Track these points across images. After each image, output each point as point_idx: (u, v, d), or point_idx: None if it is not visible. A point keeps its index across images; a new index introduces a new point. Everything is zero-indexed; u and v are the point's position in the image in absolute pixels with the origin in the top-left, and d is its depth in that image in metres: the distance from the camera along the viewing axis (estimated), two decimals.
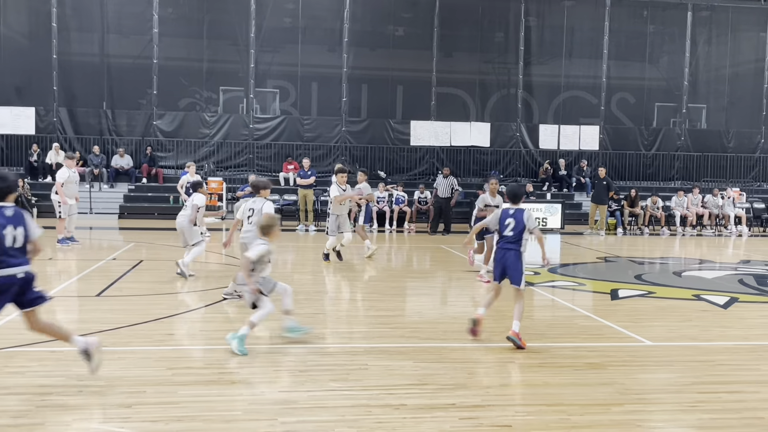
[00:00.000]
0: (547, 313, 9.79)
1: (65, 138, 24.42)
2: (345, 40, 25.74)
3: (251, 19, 25.15)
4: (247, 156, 25.45)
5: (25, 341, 7.05)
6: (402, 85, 27.57)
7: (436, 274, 13.48)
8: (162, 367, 6.31)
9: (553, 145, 27.11)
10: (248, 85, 25.72)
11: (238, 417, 5.13)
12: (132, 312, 8.58)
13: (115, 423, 4.97)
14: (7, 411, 5.10)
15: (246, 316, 7.12)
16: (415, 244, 18.41)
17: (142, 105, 25.64)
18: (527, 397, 5.76)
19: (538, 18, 27.38)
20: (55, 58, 24.37)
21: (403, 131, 26.38)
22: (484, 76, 27.48)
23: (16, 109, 24.24)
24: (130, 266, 12.48)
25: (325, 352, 7.13)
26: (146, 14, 24.77)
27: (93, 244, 16.87)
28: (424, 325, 8.46)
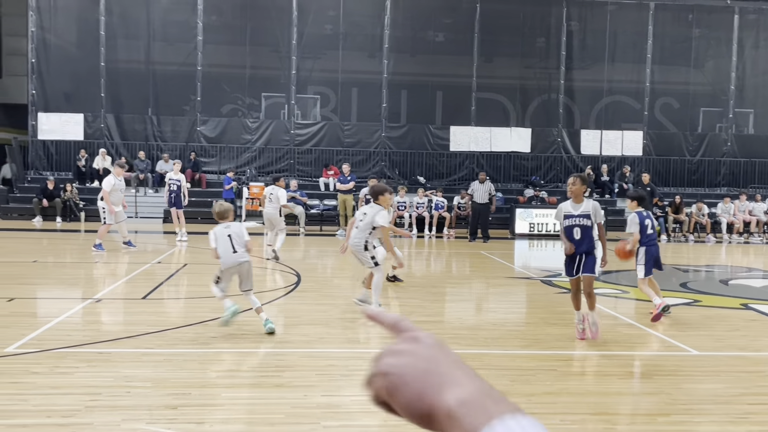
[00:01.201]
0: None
1: (112, 144, 24.90)
2: (385, 46, 25.81)
3: (293, 26, 25.37)
4: (288, 161, 25.64)
5: (75, 342, 7.21)
6: (441, 91, 27.56)
7: (476, 281, 13.41)
8: (206, 369, 6.40)
9: (595, 151, 26.79)
10: (289, 92, 25.93)
11: (281, 420, 5.17)
12: (177, 315, 8.73)
13: (161, 424, 5.04)
14: (57, 410, 5.22)
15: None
16: (454, 249, 18.34)
17: (186, 111, 26.03)
18: (570, 405, 5.69)
19: (580, 22, 27.11)
20: (102, 65, 24.88)
21: (442, 137, 26.34)
22: (525, 81, 27.32)
23: (65, 115, 24.82)
24: (174, 270, 12.67)
25: (367, 356, 7.14)
26: (190, 22, 25.16)
27: (139, 247, 17.15)
28: (465, 332, 8.41)
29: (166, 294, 10.36)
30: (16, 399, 5.46)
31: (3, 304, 9.18)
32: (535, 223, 21.38)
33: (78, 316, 8.74)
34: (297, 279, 11.90)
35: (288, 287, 11.14)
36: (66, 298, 10.42)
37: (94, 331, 7.92)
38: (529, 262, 17.25)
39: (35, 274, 12.46)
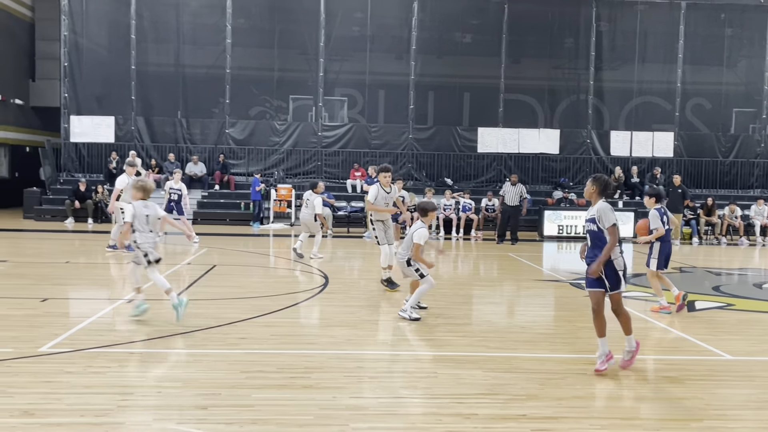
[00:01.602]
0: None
1: (142, 146, 25.21)
2: (412, 48, 25.82)
3: (320, 29, 25.48)
4: (316, 163, 25.76)
5: (107, 342, 7.31)
6: (469, 92, 27.49)
7: (504, 283, 13.34)
8: (236, 370, 6.43)
9: (625, 152, 26.54)
10: (317, 94, 26.04)
11: (311, 422, 5.19)
12: (206, 316, 8.78)
13: (191, 424, 5.09)
14: (90, 409, 5.29)
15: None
16: (482, 251, 18.28)
17: (215, 114, 26.26)
18: (601, 410, 5.64)
19: (610, 22, 26.89)
20: (133, 68, 25.22)
21: (470, 138, 26.28)
22: (553, 82, 27.16)
23: (97, 118, 25.19)
24: (203, 271, 12.77)
25: (394, 359, 7.15)
26: (219, 25, 25.39)
27: (168, 249, 17.33)
28: (493, 335, 8.38)
29: (196, 295, 10.43)
30: (51, 398, 5.54)
31: (37, 304, 9.33)
32: (564, 225, 21.24)
33: (110, 317, 8.86)
34: (325, 281, 11.94)
35: (315, 289, 11.18)
36: (98, 298, 10.56)
37: (126, 331, 8.01)
38: (557, 264, 17.12)
39: (67, 275, 12.65)
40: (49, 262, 13.69)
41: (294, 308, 9.62)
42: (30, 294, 9.97)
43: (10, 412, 5.19)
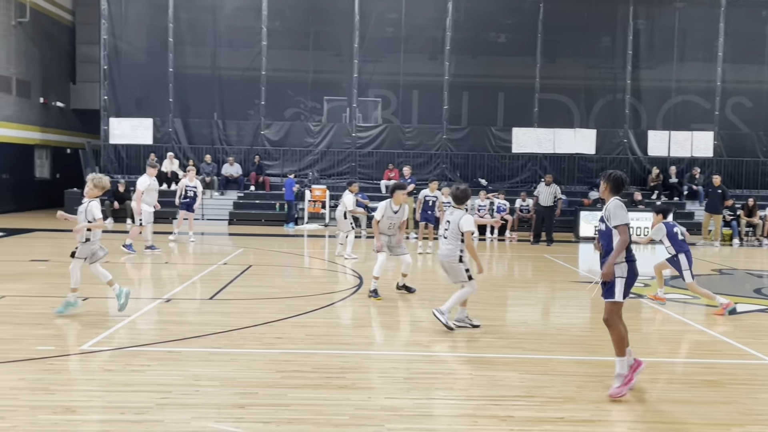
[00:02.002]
0: (658, 327, 9.45)
1: (180, 147, 25.53)
2: (447, 48, 25.76)
3: (355, 30, 25.55)
4: (350, 164, 25.83)
5: (146, 341, 7.42)
6: (503, 92, 27.34)
7: (539, 285, 13.23)
8: (272, 369, 6.48)
9: (663, 152, 26.18)
10: (351, 95, 26.12)
11: (346, 422, 5.21)
12: (243, 315, 8.87)
13: (229, 423, 5.15)
14: (130, 407, 5.37)
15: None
16: (516, 253, 18.15)
17: (251, 115, 26.48)
18: (639, 413, 5.56)
19: (647, 21, 26.55)
20: (171, 71, 25.54)
21: (504, 138, 26.14)
22: (590, 82, 26.89)
23: (135, 120, 25.57)
24: (239, 271, 12.88)
25: (429, 360, 7.14)
26: (255, 28, 25.59)
27: (204, 249, 17.53)
28: (529, 336, 8.32)
29: (232, 295, 10.55)
30: (92, 395, 5.65)
31: (77, 305, 9.50)
32: None
33: (148, 316, 8.99)
34: (359, 281, 11.97)
35: (350, 289, 11.22)
36: (137, 298, 10.69)
37: (164, 330, 8.12)
38: (594, 266, 16.89)
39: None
40: (111, 260, 13.89)
41: (329, 308, 9.67)
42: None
43: (53, 409, 5.30)
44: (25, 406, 5.39)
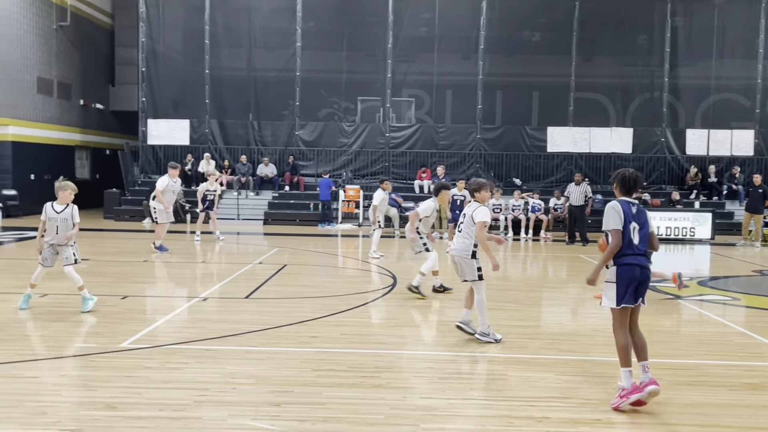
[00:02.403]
0: (696, 328, 9.31)
1: (216, 148, 25.79)
2: (480, 47, 25.65)
3: (388, 30, 25.58)
4: (383, 164, 25.84)
5: (183, 339, 7.52)
6: (538, 91, 27.14)
7: (574, 285, 13.10)
8: (307, 368, 6.52)
9: (701, 151, 25.76)
10: (385, 95, 26.14)
11: (381, 421, 5.22)
12: (278, 314, 8.93)
13: (265, 420, 5.19)
14: (169, 404, 5.45)
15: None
16: (551, 253, 18.01)
17: (285, 116, 26.63)
18: (678, 416, 5.47)
19: (686, 18, 26.16)
20: (207, 73, 25.82)
21: (539, 137, 25.94)
22: (626, 80, 26.55)
23: (173, 121, 25.90)
24: (274, 270, 12.97)
25: (464, 360, 7.12)
26: (290, 29, 25.76)
27: (240, 248, 17.69)
28: (564, 337, 8.25)
29: (268, 294, 10.63)
30: (131, 392, 5.73)
31: (117, 301, 9.67)
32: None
33: (186, 314, 9.10)
34: (393, 281, 11.98)
35: (384, 289, 11.24)
36: (174, 296, 10.87)
37: (201, 328, 8.21)
38: None
39: (145, 273, 13.06)
40: (128, 261, 14.13)
41: (363, 308, 9.69)
42: (111, 291, 10.31)
43: (94, 405, 5.40)
44: (67, 402, 5.50)
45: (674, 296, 10.96)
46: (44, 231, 8.89)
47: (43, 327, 8.07)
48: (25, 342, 7.51)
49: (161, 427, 5.00)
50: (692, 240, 20.31)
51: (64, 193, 8.96)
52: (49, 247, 8.90)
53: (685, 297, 10.94)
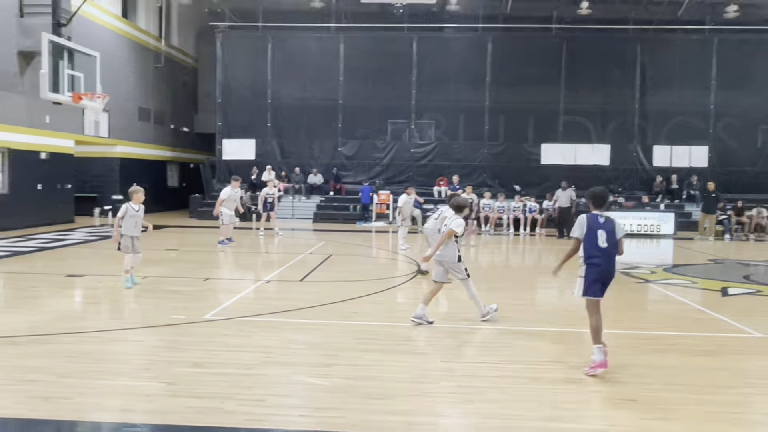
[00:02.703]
0: (663, 306, 9.15)
1: (276, 162, 25.92)
2: (487, 80, 25.48)
3: (413, 67, 25.55)
4: (409, 174, 25.77)
5: (252, 313, 7.58)
6: (533, 115, 26.69)
7: (564, 271, 12.92)
8: (350, 337, 6.54)
9: (666, 163, 25.27)
10: (410, 118, 26.07)
11: (409, 379, 5.22)
12: (326, 294, 8.96)
13: (318, 378, 5.23)
14: (242, 363, 5.51)
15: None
16: (545, 245, 17.82)
17: (330, 135, 26.63)
18: (651, 376, 5.41)
19: (652, 55, 25.61)
20: (269, 102, 26.00)
21: (534, 152, 25.66)
22: (605, 106, 25.93)
23: (242, 140, 26.10)
24: (322, 259, 13.03)
25: (476, 331, 7.08)
26: (334, 66, 25.82)
27: (295, 241, 17.77)
28: (557, 313, 8.18)
29: (317, 277, 10.68)
30: (212, 354, 5.81)
31: (201, 282, 9.79)
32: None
33: (254, 293, 9.18)
34: (417, 268, 11.95)
35: (410, 274, 11.21)
36: (244, 279, 10.96)
37: (266, 304, 8.27)
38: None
39: (222, 261, 13.20)
40: (207, 251, 14.30)
41: (393, 289, 9.69)
42: (195, 275, 10.45)
43: (185, 363, 5.48)
44: (163, 361, 5.59)
45: (644, 280, 10.79)
46: (120, 225, 8.95)
47: (145, 302, 8.20)
48: (131, 314, 7.66)
49: (236, 382, 5.06)
50: (658, 235, 19.97)
51: (138, 195, 9.09)
52: (130, 239, 8.99)
53: (652, 281, 10.77)
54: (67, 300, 8.55)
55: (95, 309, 8.07)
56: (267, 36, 26.12)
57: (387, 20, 26.93)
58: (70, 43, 17.21)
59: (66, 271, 10.60)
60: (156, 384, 4.95)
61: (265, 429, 4.21)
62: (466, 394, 4.88)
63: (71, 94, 16.90)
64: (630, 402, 4.78)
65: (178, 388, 4.86)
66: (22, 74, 17.85)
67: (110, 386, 4.92)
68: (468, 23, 26.42)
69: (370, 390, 4.92)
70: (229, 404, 4.55)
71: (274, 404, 4.63)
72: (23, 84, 17.87)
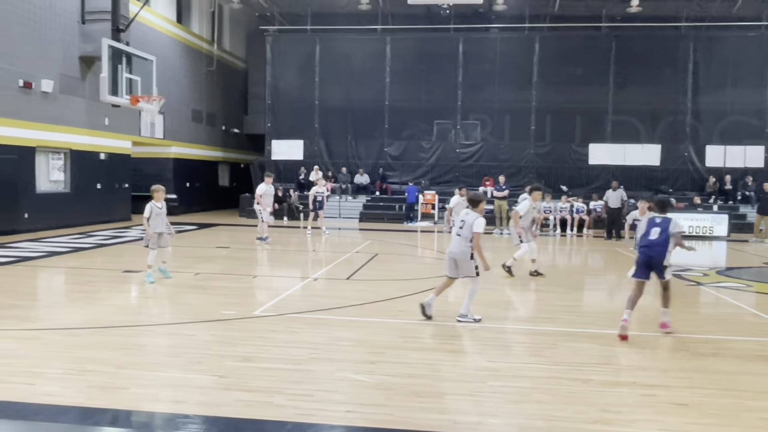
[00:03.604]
0: (715, 309, 8.82)
1: (322, 162, 26.16)
2: (534, 80, 25.09)
3: (459, 67, 25.37)
4: (454, 174, 25.61)
5: (300, 309, 7.66)
6: (581, 115, 26.17)
7: (611, 272, 12.64)
8: (396, 335, 6.54)
9: (719, 163, 24.38)
10: (456, 119, 25.90)
11: (456, 378, 5.18)
12: (372, 292, 8.99)
13: (364, 374, 5.24)
14: (290, 359, 5.58)
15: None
16: (592, 247, 17.42)
17: (376, 136, 26.69)
18: (703, 381, 5.22)
19: (705, 53, 24.75)
20: (316, 103, 26.25)
21: (582, 152, 25.15)
22: (655, 105, 25.15)
23: (290, 141, 26.44)
24: (368, 258, 13.06)
25: (522, 332, 6.98)
26: (380, 68, 25.87)
27: (341, 240, 17.88)
28: (604, 315, 7.98)
29: (364, 276, 10.71)
30: (262, 349, 5.90)
31: (250, 279, 9.96)
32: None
33: (301, 291, 9.27)
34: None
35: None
36: (292, 276, 11.09)
37: (313, 302, 8.35)
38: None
39: (270, 258, 13.39)
40: (256, 249, 14.54)
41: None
42: (245, 272, 10.63)
43: (235, 358, 5.58)
44: (215, 354, 5.70)
45: (696, 283, 10.43)
46: (149, 225, 9.31)
47: (197, 298, 8.39)
48: (184, 309, 7.83)
49: (284, 376, 5.12)
50: (711, 237, 19.26)
51: (160, 193, 9.52)
52: (157, 235, 9.35)
53: (705, 284, 10.40)
54: (124, 294, 8.83)
55: (150, 303, 8.30)
56: (315, 38, 26.39)
57: (433, 21, 26.86)
58: (128, 48, 17.78)
59: (123, 267, 10.95)
60: (208, 377, 5.05)
61: (313, 424, 4.24)
62: (512, 395, 4.81)
63: (129, 96, 17.46)
64: (681, 407, 4.61)
65: (229, 382, 4.95)
66: (84, 78, 18.54)
67: (164, 378, 5.05)
68: (515, 23, 26.09)
69: (416, 388, 4.89)
70: (278, 398, 4.61)
71: (321, 399, 4.66)
72: (84, 88, 18.56)
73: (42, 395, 4.61)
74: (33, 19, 16.48)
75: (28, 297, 8.57)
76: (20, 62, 16.02)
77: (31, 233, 16.05)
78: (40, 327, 6.63)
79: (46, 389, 4.74)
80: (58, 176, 18.17)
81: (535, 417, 4.38)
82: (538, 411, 4.49)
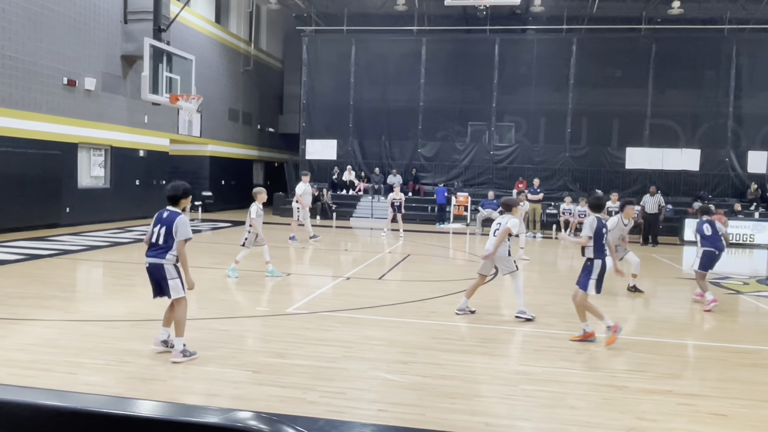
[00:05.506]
0: (755, 319, 8.57)
1: (356, 162, 26.29)
2: (570, 82, 24.77)
3: (494, 69, 25.19)
4: (488, 176, 25.43)
5: (333, 308, 7.72)
6: (618, 118, 25.79)
7: (647, 279, 12.38)
8: (428, 336, 6.54)
9: (762, 170, 23.67)
10: (490, 120, 25.72)
11: (488, 381, 5.16)
12: (404, 292, 9.00)
13: (396, 374, 5.26)
14: (322, 357, 5.63)
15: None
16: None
17: (410, 137, 26.72)
18: (741, 392, 5.09)
19: (749, 56, 24.10)
20: (351, 104, 26.38)
21: (618, 156, 24.72)
22: (695, 109, 24.68)
23: (324, 141, 26.62)
24: (401, 258, 13.08)
25: (555, 336, 6.90)
26: (415, 69, 25.86)
27: (374, 240, 17.95)
28: (641, 322, 7.84)
29: (396, 276, 10.73)
30: (294, 346, 5.96)
31: (284, 277, 10.07)
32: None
33: (334, 289, 9.34)
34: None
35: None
36: (325, 275, 11.17)
37: (346, 300, 8.40)
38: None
39: (304, 256, 13.51)
40: (291, 247, 14.68)
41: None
42: (279, 269, 10.74)
43: (269, 354, 5.66)
44: (249, 350, 5.79)
45: (736, 292, 10.16)
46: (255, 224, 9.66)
47: (232, 294, 8.53)
48: (219, 305, 7.95)
49: (317, 374, 5.17)
50: (752, 245, 18.73)
51: (263, 195, 9.99)
52: (254, 234, 9.80)
53: (745, 293, 10.11)
54: None
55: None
56: (351, 39, 26.52)
57: (469, 22, 26.75)
58: (169, 47, 18.14)
59: None
60: (242, 372, 5.13)
61: (345, 421, 4.26)
62: (546, 399, 4.76)
63: (169, 95, 17.82)
64: (719, 417, 4.51)
65: (262, 377, 5.02)
66: (125, 77, 19.00)
67: (200, 371, 5.15)
68: (552, 24, 25.79)
69: (448, 389, 4.89)
70: (310, 395, 4.66)
71: (353, 397, 4.69)
72: (125, 86, 19.02)
73: (83, 384, 4.75)
74: (78, 19, 16.96)
75: (69, 289, 8.82)
76: (65, 61, 16.50)
77: (72, 227, 16.51)
78: (81, 318, 6.82)
79: (88, 378, 4.88)
80: (98, 172, 18.65)
81: (568, 422, 4.34)
82: (571, 416, 4.44)
